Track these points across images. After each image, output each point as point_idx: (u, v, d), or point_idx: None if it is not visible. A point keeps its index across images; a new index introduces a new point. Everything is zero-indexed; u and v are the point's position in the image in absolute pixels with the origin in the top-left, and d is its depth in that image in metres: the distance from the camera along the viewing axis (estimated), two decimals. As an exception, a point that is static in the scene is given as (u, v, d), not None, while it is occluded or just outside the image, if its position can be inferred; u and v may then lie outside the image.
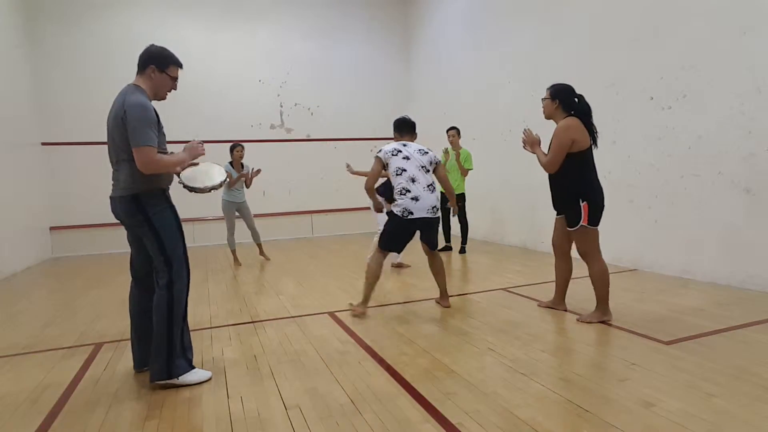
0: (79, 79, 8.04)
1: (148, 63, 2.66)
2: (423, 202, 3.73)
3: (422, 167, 3.82)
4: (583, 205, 3.37)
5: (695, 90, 4.58)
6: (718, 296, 4.03)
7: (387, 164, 3.85)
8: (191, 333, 2.96)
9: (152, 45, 2.73)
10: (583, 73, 5.62)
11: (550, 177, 3.59)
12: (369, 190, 3.93)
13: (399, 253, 4.07)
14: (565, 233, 3.64)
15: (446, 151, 6.62)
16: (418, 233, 3.94)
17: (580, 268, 3.85)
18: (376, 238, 5.30)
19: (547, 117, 3.59)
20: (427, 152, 3.93)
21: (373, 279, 3.89)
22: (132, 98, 2.54)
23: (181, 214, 2.79)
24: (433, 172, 3.94)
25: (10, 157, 6.80)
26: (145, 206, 2.62)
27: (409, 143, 3.96)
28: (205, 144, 2.95)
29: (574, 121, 3.40)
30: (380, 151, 3.89)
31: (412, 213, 3.71)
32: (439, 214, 3.91)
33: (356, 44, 9.90)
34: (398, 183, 3.77)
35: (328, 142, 9.74)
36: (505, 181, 7.36)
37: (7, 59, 6.93)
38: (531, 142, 3.67)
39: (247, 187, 6.52)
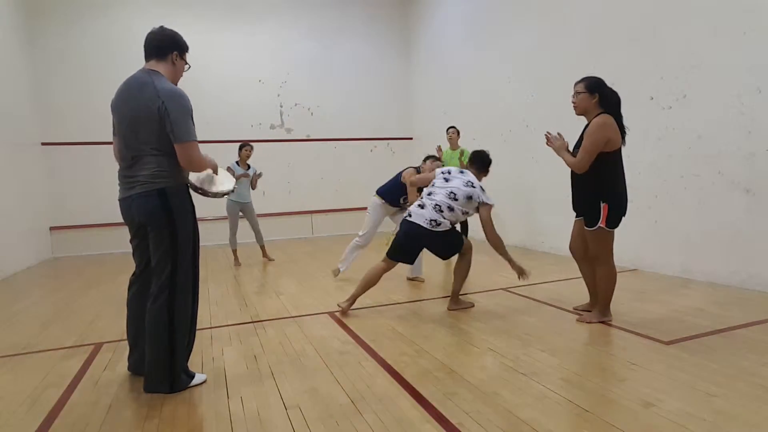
0: (79, 79, 8.04)
1: (171, 48, 2.52)
2: (425, 211, 3.78)
3: (451, 194, 3.77)
4: (603, 206, 3.23)
5: (695, 90, 4.57)
6: (718, 296, 4.03)
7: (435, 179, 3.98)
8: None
9: (165, 28, 2.55)
10: (583, 73, 5.54)
11: (574, 176, 3.42)
12: (413, 183, 4.32)
13: (410, 263, 4.09)
14: (583, 237, 3.50)
15: (439, 149, 6.68)
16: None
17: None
18: (356, 240, 5.33)
19: (581, 113, 3.35)
20: (473, 187, 3.79)
21: (367, 282, 3.91)
22: (168, 86, 2.39)
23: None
24: (477, 211, 3.84)
25: (10, 157, 6.79)
26: (170, 203, 2.44)
27: (467, 172, 3.96)
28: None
29: (610, 118, 3.19)
30: (442, 167, 4.09)
31: (411, 215, 3.84)
32: (441, 229, 3.73)
33: (356, 44, 9.89)
34: (423, 195, 3.95)
35: (328, 142, 9.73)
36: (505, 181, 7.35)
37: (7, 59, 6.93)
38: (558, 147, 3.41)
39: (253, 188, 6.54)
